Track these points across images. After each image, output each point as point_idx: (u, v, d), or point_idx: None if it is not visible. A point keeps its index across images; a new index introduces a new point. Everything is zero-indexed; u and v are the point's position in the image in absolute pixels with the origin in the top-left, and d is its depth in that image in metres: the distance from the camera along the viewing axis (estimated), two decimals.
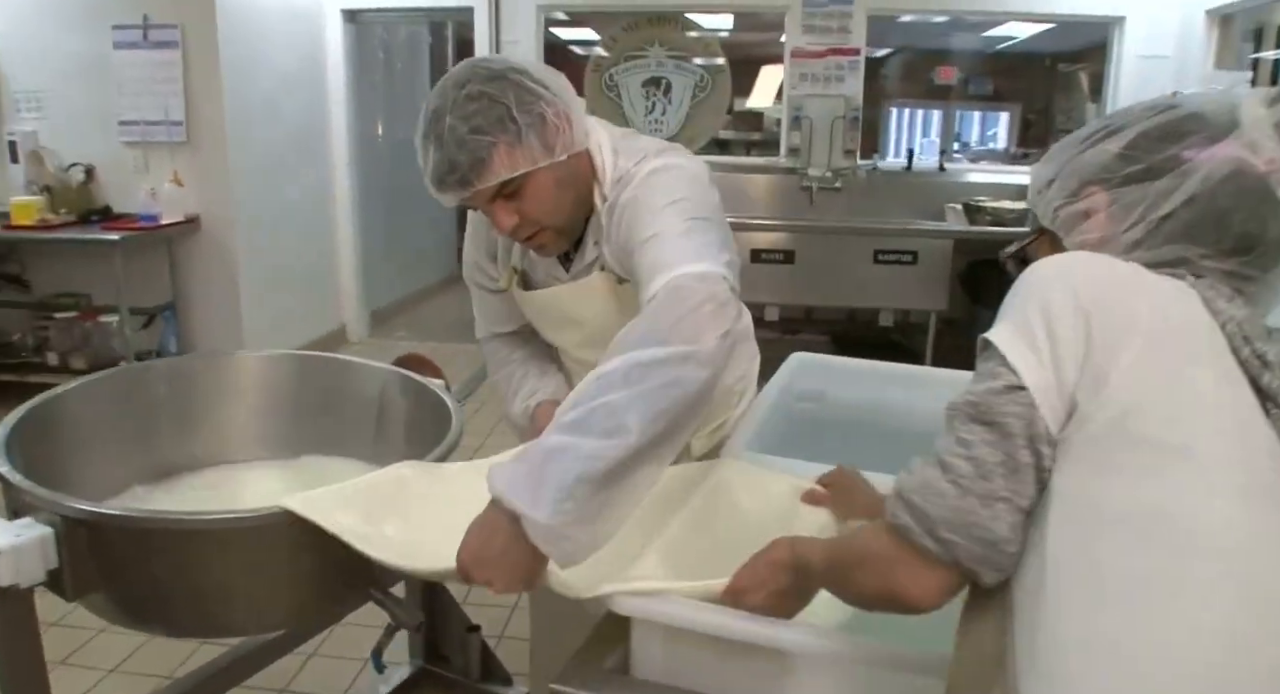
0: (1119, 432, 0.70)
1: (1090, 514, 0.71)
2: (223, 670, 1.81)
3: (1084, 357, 0.72)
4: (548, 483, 0.90)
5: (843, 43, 5.10)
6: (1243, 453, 0.71)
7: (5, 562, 1.17)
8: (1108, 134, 0.85)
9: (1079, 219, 0.86)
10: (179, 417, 1.76)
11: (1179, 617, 0.67)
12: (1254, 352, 0.73)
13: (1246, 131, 0.80)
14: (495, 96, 1.18)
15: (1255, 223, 0.79)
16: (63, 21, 4.39)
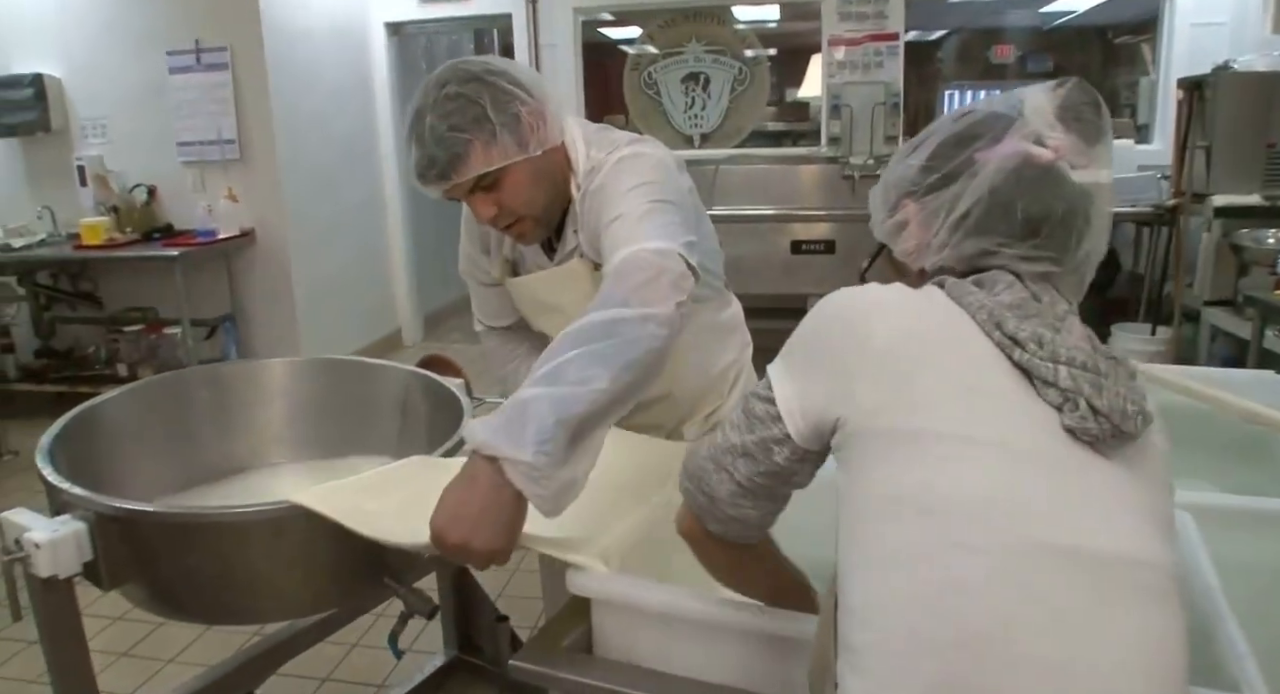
0: (868, 429, 0.80)
1: (858, 503, 0.80)
2: (264, 656, 1.90)
3: (829, 377, 0.83)
4: (528, 426, 0.95)
5: (880, 28, 5.05)
6: (993, 429, 0.77)
7: (44, 554, 1.27)
8: (914, 148, 0.93)
9: (898, 230, 0.93)
10: (216, 421, 1.85)
11: (940, 575, 0.73)
12: (1004, 333, 0.79)
13: (1028, 122, 0.86)
14: (472, 97, 1.26)
15: (1038, 206, 0.85)
16: (122, 51, 4.62)
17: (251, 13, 4.43)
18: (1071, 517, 0.74)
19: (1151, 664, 0.73)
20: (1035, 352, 0.78)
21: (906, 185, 0.92)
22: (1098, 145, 0.87)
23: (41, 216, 4.69)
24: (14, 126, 4.69)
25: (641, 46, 5.54)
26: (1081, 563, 0.73)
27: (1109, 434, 0.76)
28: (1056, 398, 0.77)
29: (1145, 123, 5.34)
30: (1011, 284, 0.84)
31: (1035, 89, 0.89)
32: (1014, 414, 0.77)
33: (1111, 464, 0.77)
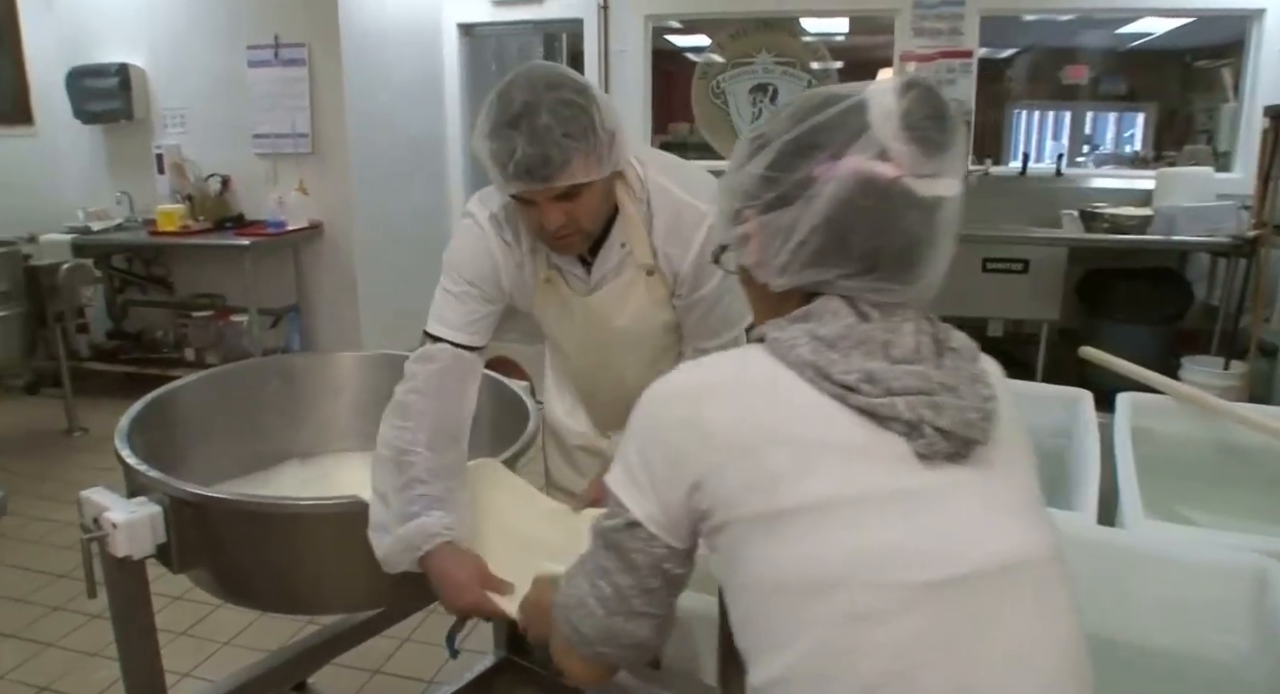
0: (733, 521, 0.79)
1: (744, 592, 0.80)
2: (320, 648, 1.93)
3: (680, 478, 0.81)
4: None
5: (954, 44, 4.98)
6: (849, 483, 0.76)
7: (121, 535, 1.30)
8: (758, 148, 0.86)
9: (741, 242, 0.88)
10: (284, 410, 1.89)
11: (838, 642, 0.74)
12: (833, 383, 0.78)
13: (874, 134, 0.79)
14: (584, 107, 1.28)
15: (873, 241, 0.80)
16: (204, 44, 4.74)
17: (330, 11, 4.52)
18: (946, 546, 0.75)
19: (1046, 658, 0.76)
20: (869, 392, 0.77)
21: (747, 196, 0.86)
22: (942, 156, 0.81)
23: (120, 202, 4.84)
24: (99, 114, 4.84)
25: (709, 56, 5.54)
26: (964, 589, 0.74)
27: (960, 446, 0.78)
28: (902, 428, 0.77)
29: (1226, 150, 5.19)
30: (837, 311, 0.82)
31: (883, 89, 0.82)
32: (864, 461, 0.77)
33: (971, 471, 0.79)
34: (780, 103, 5.41)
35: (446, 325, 1.48)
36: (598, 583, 0.88)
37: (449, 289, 1.49)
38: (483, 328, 1.51)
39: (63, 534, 3.06)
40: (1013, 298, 4.42)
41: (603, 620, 0.87)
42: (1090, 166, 5.65)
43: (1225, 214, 4.28)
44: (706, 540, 0.83)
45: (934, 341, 0.83)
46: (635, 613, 0.87)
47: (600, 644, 0.89)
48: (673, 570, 0.86)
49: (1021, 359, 4.75)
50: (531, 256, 1.49)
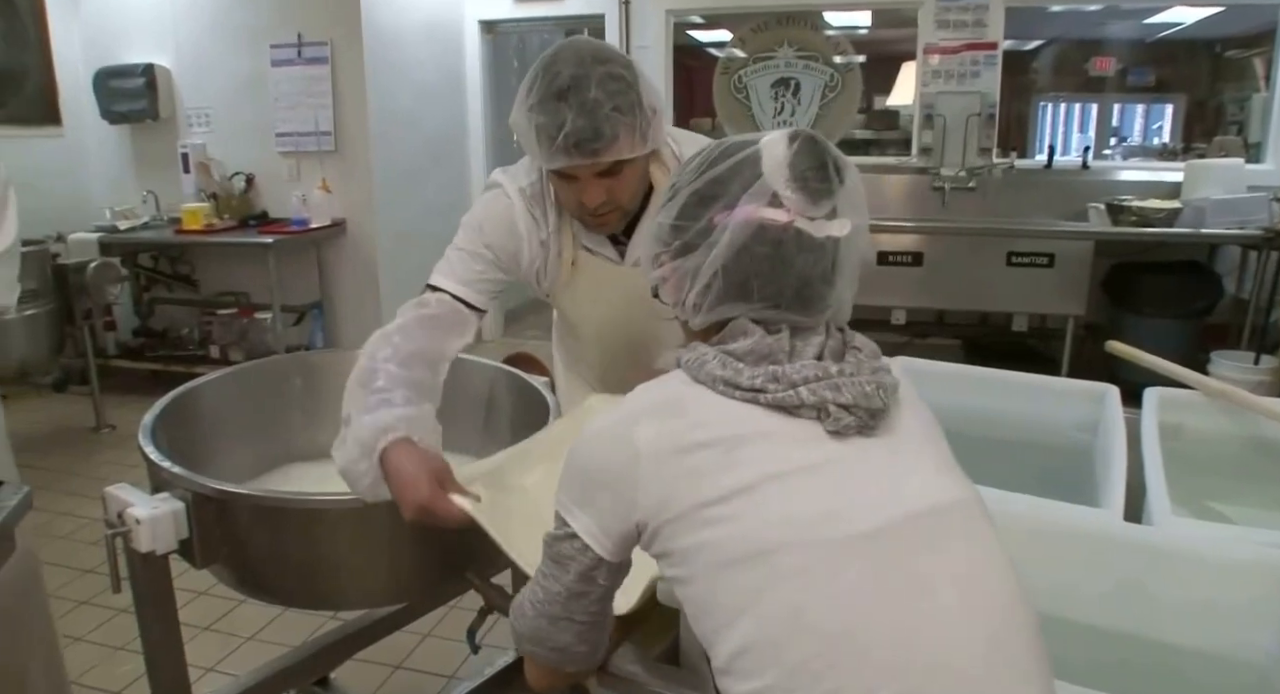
0: (667, 520, 0.84)
1: (692, 582, 0.84)
2: (341, 643, 1.94)
3: (613, 495, 0.87)
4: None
5: (979, 37, 4.93)
6: (769, 465, 0.83)
7: (144, 530, 1.31)
8: (670, 198, 0.94)
9: (661, 283, 0.96)
10: (306, 408, 1.89)
11: (784, 605, 0.79)
12: (743, 390, 0.85)
13: (766, 181, 0.86)
14: (630, 83, 1.28)
15: (771, 285, 0.87)
16: (228, 44, 4.78)
17: (353, 9, 4.54)
18: (867, 503, 0.82)
19: (979, 592, 0.81)
20: (775, 390, 0.84)
21: (661, 244, 0.94)
22: (828, 201, 0.87)
23: (146, 201, 4.89)
24: (125, 114, 4.89)
25: (730, 50, 5.52)
26: (893, 536, 0.80)
27: (866, 418, 0.85)
28: (810, 414, 0.84)
29: (1257, 141, 5.10)
30: (747, 330, 0.88)
31: (774, 139, 0.88)
32: (780, 445, 0.84)
33: (880, 438, 0.86)
34: (803, 96, 5.39)
35: (450, 278, 1.46)
36: (534, 587, 0.96)
37: (461, 247, 1.47)
38: (487, 290, 1.48)
39: (89, 530, 3.10)
40: (1038, 292, 4.37)
41: (531, 621, 0.96)
42: (1117, 159, 5.57)
43: (1257, 206, 4.21)
44: (650, 551, 0.89)
45: (841, 345, 0.90)
46: (558, 617, 0.94)
47: (528, 642, 0.97)
48: (600, 580, 0.93)
49: (1047, 354, 4.70)
50: (557, 236, 1.48)
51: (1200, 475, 1.63)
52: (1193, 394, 1.74)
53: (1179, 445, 1.62)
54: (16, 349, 3.87)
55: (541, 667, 1.00)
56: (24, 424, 4.31)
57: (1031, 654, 0.81)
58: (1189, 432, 1.71)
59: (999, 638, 0.80)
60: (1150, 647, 1.14)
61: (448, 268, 1.47)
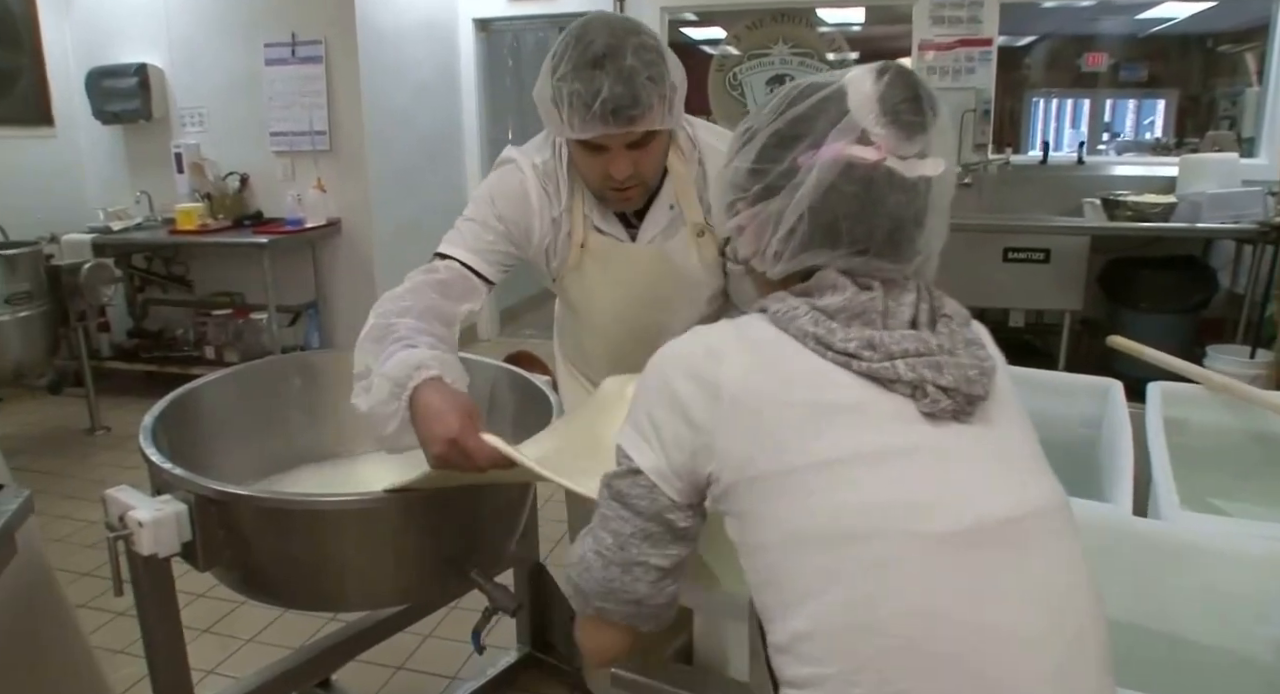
0: (743, 480, 0.80)
1: (760, 551, 0.80)
2: (343, 645, 1.93)
3: (689, 435, 0.82)
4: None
5: (973, 33, 4.93)
6: (856, 439, 0.78)
7: (146, 533, 1.30)
8: (745, 141, 0.89)
9: (737, 233, 0.91)
10: (306, 408, 1.88)
11: (855, 593, 0.75)
12: (835, 351, 0.80)
13: (854, 118, 0.82)
14: (662, 54, 1.28)
15: (861, 224, 0.82)
16: (221, 43, 4.75)
17: (347, 7, 4.52)
18: (957, 499, 0.78)
19: (1058, 603, 0.78)
20: (870, 358, 0.79)
21: (738, 190, 0.89)
22: (922, 136, 0.82)
23: (140, 201, 4.86)
24: (118, 114, 4.86)
25: (725, 48, 5.51)
26: (979, 538, 0.76)
27: (964, 404, 0.80)
28: (905, 390, 0.80)
29: (1250, 136, 5.12)
30: (836, 284, 0.84)
31: (860, 74, 0.84)
32: (871, 421, 0.79)
33: (974, 427, 0.81)
34: None
35: (460, 246, 1.45)
36: (599, 534, 0.88)
37: (472, 217, 1.46)
38: (497, 262, 1.47)
39: (86, 533, 3.08)
40: (1034, 288, 4.37)
41: (600, 572, 0.87)
42: (1111, 154, 5.58)
43: (1252, 200, 4.22)
44: (717, 506, 0.84)
45: (930, 310, 0.85)
46: (633, 563, 0.86)
47: (599, 598, 0.88)
48: (678, 522, 0.86)
49: (1043, 350, 4.71)
50: (568, 216, 1.47)
51: (1203, 470, 1.63)
52: (1195, 389, 1.74)
53: (1183, 439, 1.62)
54: (10, 351, 3.85)
55: (610, 631, 0.90)
56: (19, 426, 4.29)
57: (1098, 686, 0.78)
58: (1191, 426, 1.71)
59: (1067, 670, 0.76)
60: (1160, 639, 1.14)
61: (457, 237, 1.46)
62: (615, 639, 0.90)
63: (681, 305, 1.54)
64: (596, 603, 0.88)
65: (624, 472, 0.87)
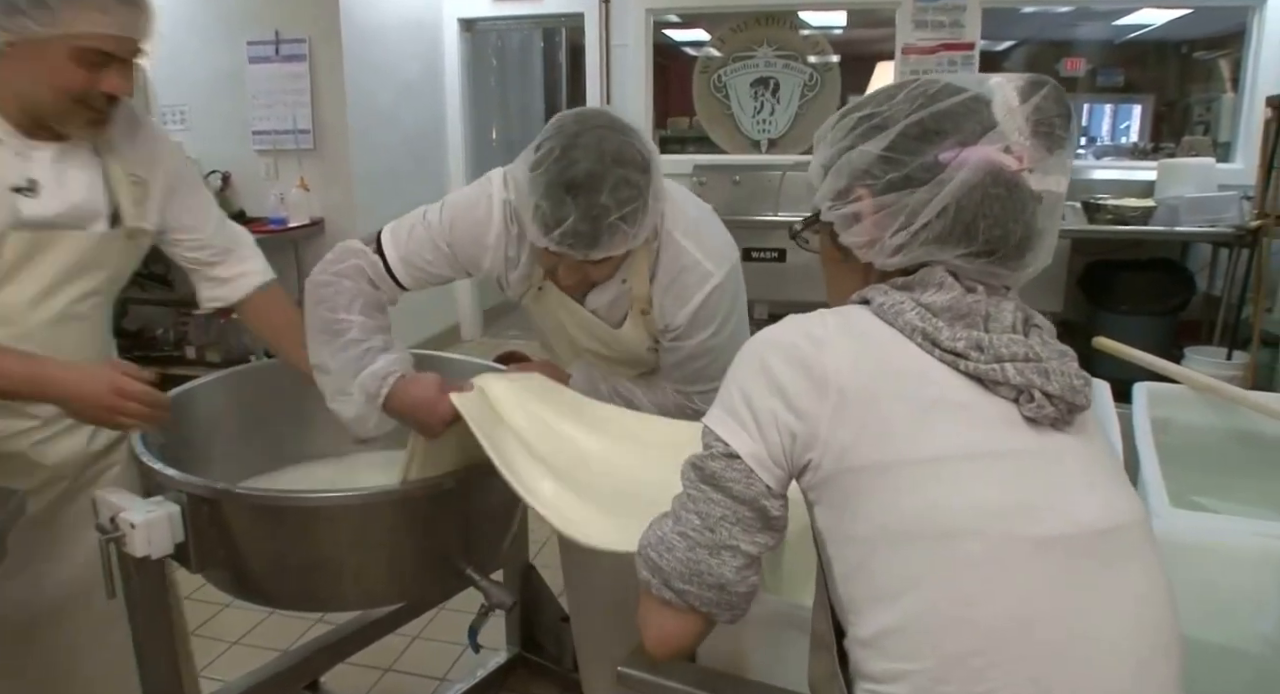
0: (844, 469, 0.79)
1: (852, 543, 0.80)
2: (332, 646, 1.92)
3: (790, 423, 0.81)
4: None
5: (955, 37, 4.98)
6: (961, 439, 0.79)
7: (139, 535, 1.29)
8: (873, 128, 0.87)
9: (850, 221, 0.89)
10: (298, 411, 1.87)
11: (950, 594, 0.76)
12: (943, 350, 0.80)
13: (1001, 130, 0.83)
14: (641, 190, 1.27)
15: (999, 229, 0.83)
16: (204, 39, 4.71)
17: (331, 6, 4.49)
18: (1055, 505, 0.78)
19: (1142, 616, 0.79)
20: (978, 359, 0.80)
21: (863, 175, 0.87)
22: (1061, 153, 0.85)
23: None
24: None
25: (708, 50, 5.53)
26: (1074, 546, 0.77)
27: (1065, 412, 0.81)
28: (1010, 393, 0.80)
29: (1226, 141, 5.20)
30: (943, 282, 0.84)
31: (1003, 83, 0.85)
32: (976, 421, 0.80)
33: (1071, 438, 0.82)
34: (783, 96, 5.41)
35: (398, 250, 1.47)
36: (682, 515, 0.85)
37: (431, 225, 1.46)
38: (421, 279, 1.51)
39: None
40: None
41: (683, 553, 0.84)
42: (1090, 158, 5.64)
43: (1228, 204, 4.29)
44: (809, 494, 0.84)
45: (1025, 319, 0.86)
46: (721, 545, 0.83)
47: (680, 580, 0.83)
48: (771, 510, 0.84)
49: None
50: (527, 261, 1.47)
51: (1186, 468, 1.65)
52: (1178, 389, 1.76)
53: (1166, 439, 1.64)
54: None
55: (683, 618, 0.86)
56: None
57: None
58: (1176, 426, 1.73)
59: (1146, 683, 0.77)
60: None
61: (404, 237, 1.47)
62: (687, 627, 0.86)
63: (623, 359, 1.57)
64: (678, 585, 0.84)
65: (718, 455, 0.84)
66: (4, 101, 1.30)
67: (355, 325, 1.39)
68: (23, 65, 1.25)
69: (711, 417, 0.87)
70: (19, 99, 1.30)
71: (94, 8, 1.23)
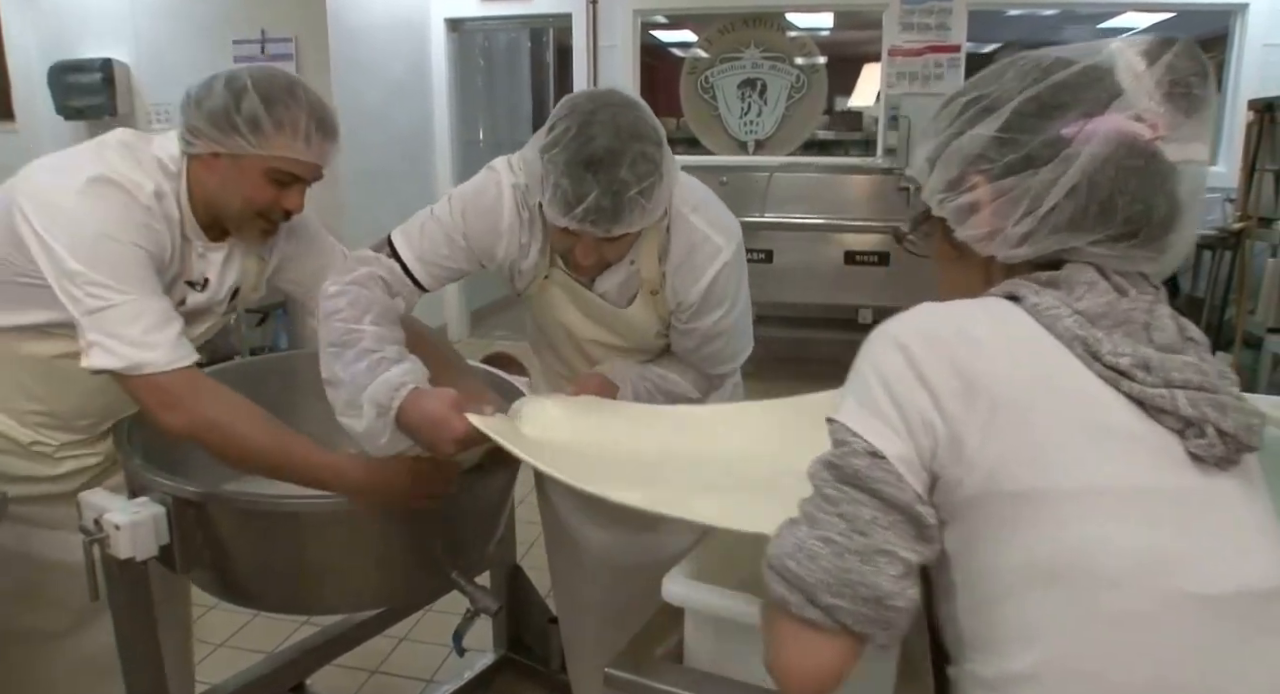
0: (989, 492, 0.70)
1: (987, 574, 0.72)
2: (318, 649, 1.91)
3: (936, 424, 0.71)
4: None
5: (942, 39, 5.00)
6: (1121, 471, 0.70)
7: (123, 536, 1.28)
8: (982, 110, 0.79)
9: (966, 212, 0.80)
10: (284, 409, 1.86)
11: (1098, 649, 0.68)
12: (1105, 365, 0.71)
13: (1129, 97, 0.74)
14: (657, 164, 1.27)
15: (1140, 204, 0.75)
16: (189, 39, 4.69)
17: (317, 5, 4.48)
18: (1211, 558, 0.70)
19: None
20: (1144, 380, 0.70)
21: (977, 159, 0.78)
22: (1199, 116, 0.75)
23: None
24: (82, 110, 4.78)
25: (695, 51, 5.53)
26: (1232, 607, 0.69)
27: (1233, 452, 0.71)
28: (1176, 424, 0.71)
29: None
30: (1094, 283, 0.75)
31: (1125, 47, 0.75)
32: (1138, 452, 0.71)
33: (1233, 481, 0.73)
34: (770, 97, 5.42)
35: (413, 250, 1.43)
36: (820, 519, 0.72)
37: (439, 221, 1.44)
38: (442, 275, 1.47)
39: None
40: None
41: (830, 561, 0.69)
42: None
43: (1210, 206, 4.33)
44: (944, 509, 0.73)
45: (1179, 329, 0.76)
46: (875, 550, 0.69)
47: (829, 593, 0.69)
48: (926, 519, 0.71)
49: None
50: (536, 246, 1.47)
51: None
52: None
53: None
54: None
55: (830, 643, 0.70)
56: None
57: None
58: None
59: None
60: None
61: (416, 237, 1.44)
62: (837, 651, 0.70)
63: (629, 347, 1.57)
64: (826, 599, 0.69)
65: (859, 452, 0.72)
66: (195, 202, 1.41)
67: (368, 335, 1.32)
68: (220, 175, 1.38)
69: (846, 411, 0.75)
70: (207, 203, 1.41)
71: (299, 137, 1.35)
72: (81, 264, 1.26)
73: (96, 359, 1.26)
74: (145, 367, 1.27)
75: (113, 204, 1.32)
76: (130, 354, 1.27)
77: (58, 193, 1.30)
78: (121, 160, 1.36)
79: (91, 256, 1.27)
